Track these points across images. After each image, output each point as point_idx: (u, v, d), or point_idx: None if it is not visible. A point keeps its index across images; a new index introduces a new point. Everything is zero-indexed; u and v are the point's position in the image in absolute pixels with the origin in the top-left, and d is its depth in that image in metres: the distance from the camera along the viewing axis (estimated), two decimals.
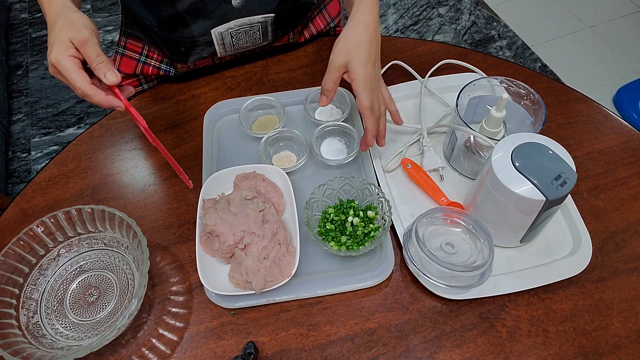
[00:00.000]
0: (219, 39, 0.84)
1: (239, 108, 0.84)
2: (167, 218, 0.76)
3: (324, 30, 1.00)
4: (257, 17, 0.83)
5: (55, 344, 0.64)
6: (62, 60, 0.59)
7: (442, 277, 0.65)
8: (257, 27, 0.85)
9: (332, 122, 0.81)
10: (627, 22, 2.26)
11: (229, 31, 0.83)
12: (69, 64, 0.59)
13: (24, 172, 1.86)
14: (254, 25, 0.84)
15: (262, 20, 0.84)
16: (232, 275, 0.66)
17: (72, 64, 0.59)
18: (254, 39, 0.87)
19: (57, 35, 0.59)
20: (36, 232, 0.68)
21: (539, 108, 0.71)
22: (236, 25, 0.83)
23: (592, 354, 0.63)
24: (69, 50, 0.59)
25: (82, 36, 0.60)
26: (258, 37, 0.88)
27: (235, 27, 0.83)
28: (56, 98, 2.07)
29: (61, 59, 0.59)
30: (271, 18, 0.84)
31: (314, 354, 0.64)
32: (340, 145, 0.82)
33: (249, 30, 0.84)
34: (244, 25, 0.83)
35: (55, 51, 0.59)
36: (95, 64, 0.60)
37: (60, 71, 0.60)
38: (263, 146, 0.79)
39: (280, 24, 0.87)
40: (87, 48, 0.60)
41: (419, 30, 2.28)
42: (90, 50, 0.60)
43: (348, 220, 0.70)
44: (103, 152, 0.85)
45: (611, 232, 0.73)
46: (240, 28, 0.83)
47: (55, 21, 0.61)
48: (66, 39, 0.59)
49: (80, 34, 0.60)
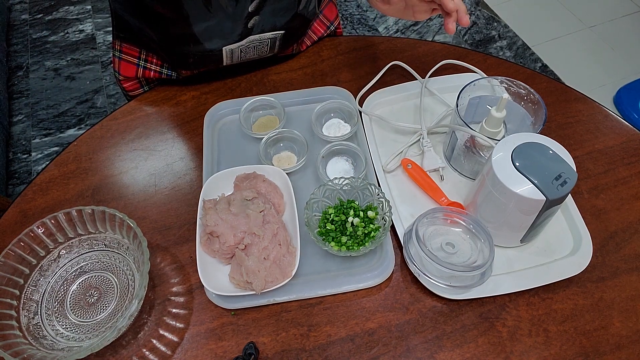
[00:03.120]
0: (229, 54, 0.85)
1: (239, 109, 0.84)
2: (168, 219, 0.76)
3: (324, 35, 1.00)
4: (267, 34, 0.84)
5: (55, 345, 0.64)
6: None
7: (443, 277, 0.65)
8: (266, 42, 0.86)
9: (338, 140, 0.80)
10: (627, 22, 2.26)
11: (240, 47, 0.84)
12: None
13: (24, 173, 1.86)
14: (264, 41, 0.85)
15: (272, 37, 0.85)
16: (232, 276, 0.66)
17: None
18: (261, 52, 0.89)
19: None
20: (37, 233, 0.68)
21: (539, 108, 0.71)
22: (247, 42, 0.84)
23: (593, 353, 0.63)
24: None
25: None
26: (265, 51, 0.89)
27: (246, 44, 0.84)
28: (57, 99, 2.07)
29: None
30: (281, 35, 0.85)
31: (315, 354, 0.64)
32: (347, 165, 0.80)
33: (259, 45, 0.86)
34: (255, 42, 0.84)
35: None
36: None
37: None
38: (263, 147, 0.79)
39: (288, 38, 0.89)
40: None
41: (419, 30, 2.28)
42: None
43: (348, 221, 0.70)
44: (103, 153, 0.85)
45: (611, 231, 0.73)
46: (250, 44, 0.85)
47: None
48: None
49: None
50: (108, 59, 2.21)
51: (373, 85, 0.90)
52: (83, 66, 2.18)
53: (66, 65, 2.19)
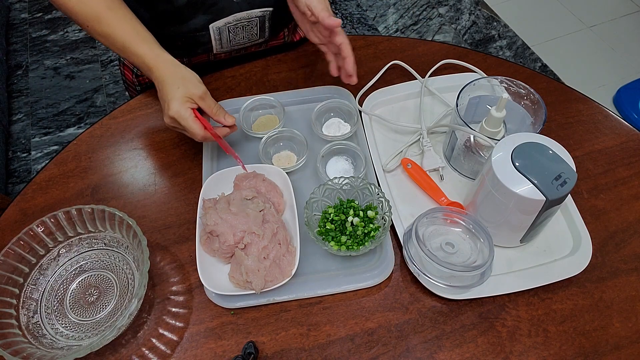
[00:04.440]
0: (217, 34, 0.84)
1: (239, 108, 0.84)
2: (167, 218, 0.76)
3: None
4: (255, 11, 0.83)
5: (55, 344, 0.64)
6: (181, 112, 0.70)
7: (442, 277, 0.65)
8: (255, 22, 0.85)
9: (338, 140, 0.80)
10: (627, 22, 2.26)
11: (227, 26, 0.83)
12: (187, 114, 0.70)
13: (24, 172, 1.86)
14: (252, 19, 0.84)
15: (260, 15, 0.84)
16: (232, 275, 0.66)
17: (190, 114, 0.70)
18: (251, 34, 0.88)
19: (175, 92, 0.70)
20: (36, 232, 0.68)
21: (539, 108, 0.71)
22: (234, 20, 0.83)
23: (592, 353, 0.63)
24: (187, 104, 0.70)
25: (200, 92, 0.71)
26: (255, 33, 0.88)
27: (234, 22, 0.83)
28: (56, 98, 2.07)
29: (181, 111, 0.70)
30: (269, 12, 0.84)
31: (314, 353, 0.64)
32: (347, 165, 0.80)
33: (247, 25, 0.85)
34: (242, 20, 0.83)
35: (174, 106, 0.70)
36: (215, 111, 0.73)
37: (179, 121, 0.70)
38: (263, 146, 0.79)
39: (277, 18, 0.87)
40: (206, 100, 0.72)
41: (419, 30, 2.28)
42: (210, 101, 0.73)
43: (348, 220, 0.70)
44: (103, 152, 0.85)
45: (611, 232, 0.73)
46: (238, 23, 0.84)
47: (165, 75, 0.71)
48: (185, 95, 0.70)
49: (198, 89, 0.71)
50: (107, 58, 2.21)
51: (373, 84, 0.90)
52: (82, 65, 2.18)
53: (66, 64, 2.19)
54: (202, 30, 0.82)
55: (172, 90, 0.70)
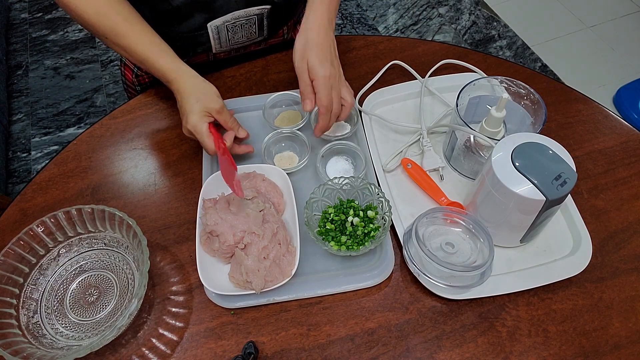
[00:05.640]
0: (215, 33, 0.84)
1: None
2: (167, 218, 0.76)
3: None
4: (253, 9, 0.83)
5: (55, 344, 0.64)
6: (198, 127, 0.72)
7: (442, 277, 0.65)
8: (253, 20, 0.85)
9: (338, 140, 0.79)
10: (627, 22, 2.26)
11: (226, 24, 0.83)
12: (203, 128, 0.72)
13: (24, 172, 1.86)
14: (251, 17, 0.84)
15: (259, 13, 0.84)
16: (232, 275, 0.66)
17: (206, 129, 0.72)
18: (249, 33, 0.88)
19: (194, 105, 0.72)
20: (36, 232, 0.68)
21: (539, 108, 0.71)
22: (233, 18, 0.83)
23: (592, 354, 0.63)
24: (205, 118, 0.72)
25: (218, 106, 0.73)
26: (254, 31, 0.88)
27: (232, 20, 0.83)
28: (56, 98, 2.07)
29: (198, 126, 0.72)
30: (267, 10, 0.84)
31: (314, 353, 0.64)
32: (346, 165, 0.80)
33: (245, 23, 0.85)
34: (241, 18, 0.83)
35: (192, 119, 0.72)
36: (230, 124, 0.76)
37: (195, 134, 0.73)
38: (265, 146, 0.79)
39: (276, 16, 0.87)
40: (223, 114, 0.74)
41: (419, 30, 2.28)
42: (226, 115, 0.75)
43: (348, 220, 0.70)
44: (103, 152, 0.85)
45: (611, 232, 0.73)
46: (236, 21, 0.84)
47: (185, 88, 0.73)
48: (202, 110, 0.72)
49: (216, 104, 0.73)
50: (107, 58, 2.21)
51: (373, 84, 0.90)
52: (82, 65, 2.18)
53: (66, 64, 2.19)
54: (200, 29, 0.82)
55: (190, 104, 0.72)
